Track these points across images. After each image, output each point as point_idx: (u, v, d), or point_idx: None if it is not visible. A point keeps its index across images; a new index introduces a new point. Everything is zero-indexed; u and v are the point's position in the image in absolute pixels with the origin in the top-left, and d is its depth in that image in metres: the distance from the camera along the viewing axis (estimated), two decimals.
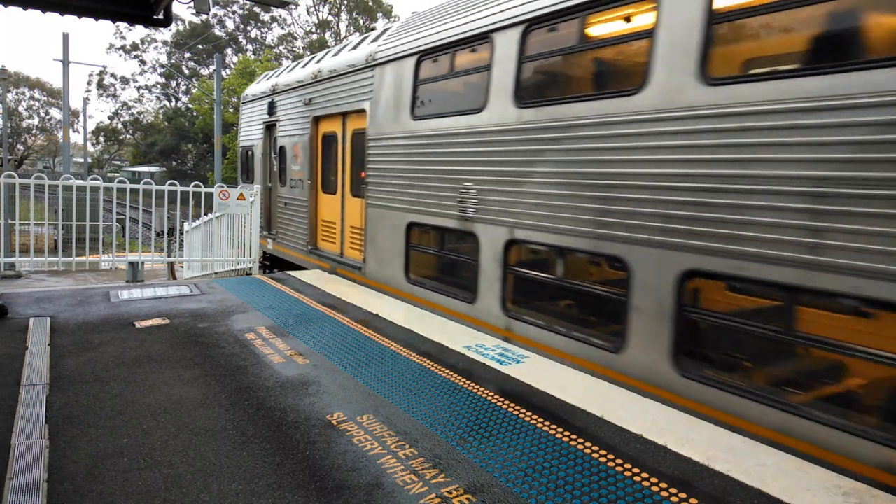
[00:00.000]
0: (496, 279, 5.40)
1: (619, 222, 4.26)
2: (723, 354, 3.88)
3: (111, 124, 58.24)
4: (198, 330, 5.29)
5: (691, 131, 3.78)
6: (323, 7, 48.57)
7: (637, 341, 4.07)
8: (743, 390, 3.53)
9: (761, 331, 3.51)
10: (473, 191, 5.66)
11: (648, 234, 4.04)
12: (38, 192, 19.43)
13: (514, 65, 5.24)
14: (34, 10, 6.13)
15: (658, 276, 3.95)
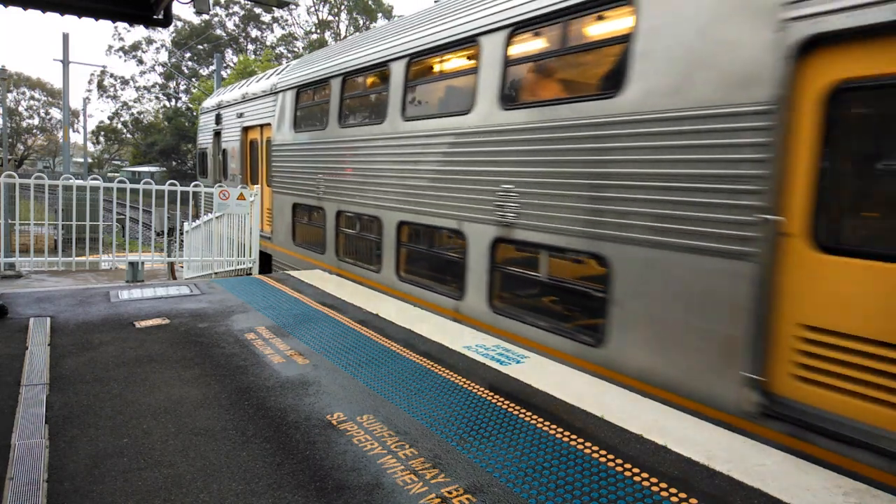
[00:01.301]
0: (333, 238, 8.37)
1: (457, 205, 5.97)
2: (513, 296, 5.58)
3: (111, 124, 58.28)
4: (198, 330, 5.29)
5: (495, 141, 5.44)
6: (323, 7, 48.58)
7: (471, 292, 5.83)
8: (519, 317, 5.28)
9: (528, 276, 5.43)
10: (325, 180, 8.53)
11: (473, 213, 5.76)
12: (38, 192, 19.43)
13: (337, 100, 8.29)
14: (34, 10, 6.13)
15: (479, 244, 5.65)
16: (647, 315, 4.16)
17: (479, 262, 5.65)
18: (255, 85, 11.57)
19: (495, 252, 5.50)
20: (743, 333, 3.57)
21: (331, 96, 8.37)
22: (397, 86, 6.80)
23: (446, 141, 6.03)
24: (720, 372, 3.69)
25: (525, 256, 5.39)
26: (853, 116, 3.36)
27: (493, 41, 5.48)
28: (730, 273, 3.64)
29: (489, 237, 5.53)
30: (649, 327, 4.15)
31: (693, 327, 3.88)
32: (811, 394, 3.35)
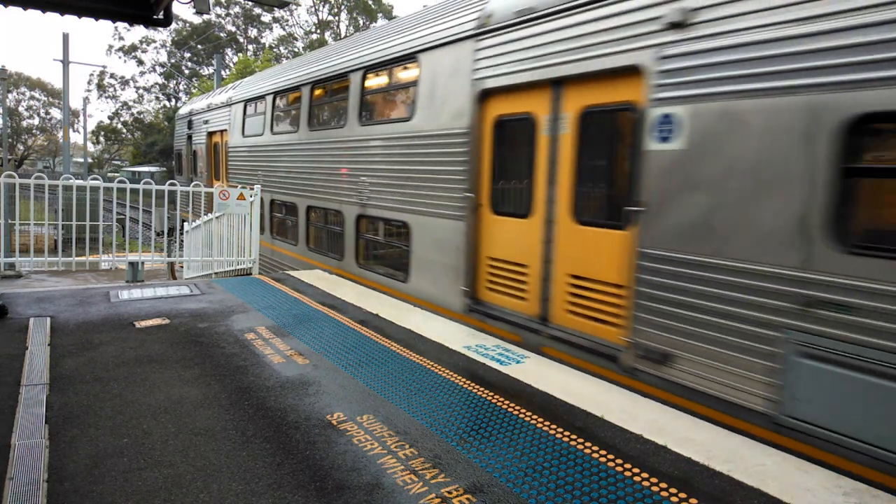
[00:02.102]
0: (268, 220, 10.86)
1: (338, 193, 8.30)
2: (367, 254, 8.02)
3: (111, 124, 58.29)
4: (198, 330, 5.29)
5: (353, 149, 7.88)
6: (323, 7, 48.59)
7: (347, 254, 8.17)
8: (372, 269, 7.66)
9: (374, 240, 7.84)
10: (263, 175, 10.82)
11: (346, 198, 8.05)
12: (38, 192, 19.44)
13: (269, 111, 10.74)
14: (34, 10, 6.13)
15: (350, 220, 8.01)
16: (425, 259, 6.56)
17: (350, 233, 8.10)
18: (217, 97, 14.05)
19: (359, 225, 7.91)
20: (462, 264, 5.98)
21: (265, 109, 10.88)
22: (305, 104, 9.37)
23: (333, 146, 8.48)
24: (453, 288, 6.10)
25: (373, 227, 7.82)
26: (505, 136, 5.66)
27: (356, 77, 7.89)
28: (455, 229, 6.04)
29: (354, 214, 7.88)
30: (426, 266, 6.56)
31: (441, 263, 6.27)
32: (491, 297, 5.81)
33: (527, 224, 5.36)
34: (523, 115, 5.37)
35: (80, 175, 30.38)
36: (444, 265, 6.19)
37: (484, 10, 5.68)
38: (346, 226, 8.11)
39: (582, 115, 4.85)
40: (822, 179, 3.27)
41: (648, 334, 4.17)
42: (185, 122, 16.28)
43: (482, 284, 5.88)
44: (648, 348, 4.18)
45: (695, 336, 3.87)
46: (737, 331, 3.65)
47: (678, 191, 4.00)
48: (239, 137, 11.95)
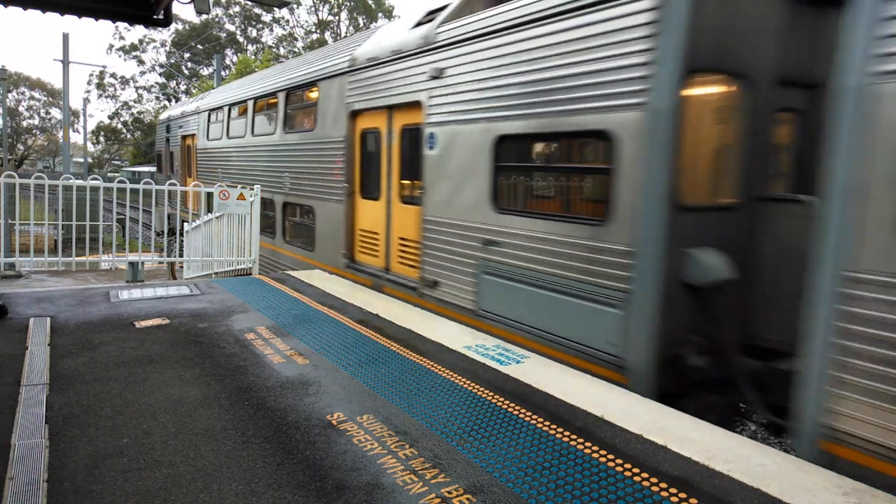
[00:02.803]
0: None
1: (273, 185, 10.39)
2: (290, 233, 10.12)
3: (111, 124, 58.27)
4: (198, 330, 5.29)
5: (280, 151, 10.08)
6: (323, 7, 48.57)
7: (277, 234, 10.38)
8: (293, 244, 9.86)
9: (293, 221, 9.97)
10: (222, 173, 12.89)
11: (277, 189, 10.20)
12: (38, 192, 19.44)
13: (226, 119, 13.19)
14: (34, 10, 6.13)
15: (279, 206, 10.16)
16: (323, 233, 8.80)
17: (279, 216, 10.23)
18: (188, 106, 16.82)
19: (285, 210, 10.08)
20: (344, 235, 8.19)
21: (223, 118, 13.23)
22: (250, 115, 11.69)
23: (268, 149, 10.67)
24: (337, 254, 8.37)
25: (293, 211, 9.78)
26: (366, 144, 7.84)
27: (282, 95, 10.11)
28: (339, 210, 8.27)
29: (282, 202, 9.90)
30: (324, 238, 8.79)
31: (332, 236, 8.48)
32: (360, 257, 8.03)
33: (378, 204, 7.63)
34: (374, 129, 7.63)
35: (80, 175, 30.38)
36: (334, 237, 8.52)
37: (352, 55, 8.04)
38: (277, 211, 10.40)
39: (402, 130, 7.08)
40: (489, 171, 5.59)
41: (427, 270, 6.47)
42: (164, 126, 18.94)
43: (356, 249, 8.21)
44: (427, 279, 6.49)
45: (444, 267, 6.23)
46: (460, 262, 5.99)
47: (436, 179, 6.31)
48: (204, 141, 14.46)
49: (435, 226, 6.26)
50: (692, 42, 3.96)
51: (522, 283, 5.20)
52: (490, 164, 5.49)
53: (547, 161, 5.38)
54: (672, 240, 4.10)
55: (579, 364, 4.66)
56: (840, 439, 3.23)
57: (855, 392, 3.16)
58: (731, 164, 4.51)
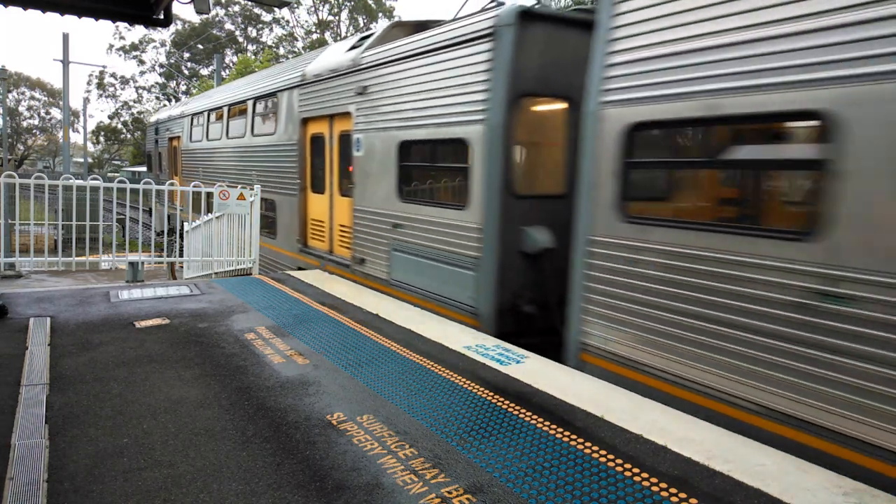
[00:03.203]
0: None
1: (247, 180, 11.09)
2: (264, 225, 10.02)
3: (111, 124, 58.27)
4: (198, 330, 5.29)
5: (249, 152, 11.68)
6: (323, 7, 48.55)
7: None
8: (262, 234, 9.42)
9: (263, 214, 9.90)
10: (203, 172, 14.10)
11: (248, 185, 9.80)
12: (38, 192, 19.45)
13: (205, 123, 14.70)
14: (34, 9, 6.13)
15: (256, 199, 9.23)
16: (283, 223, 10.06)
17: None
18: (174, 110, 18.49)
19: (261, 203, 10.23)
20: (299, 225, 9.43)
21: (203, 122, 14.65)
22: (225, 120, 13.17)
23: (240, 149, 12.17)
24: (294, 242, 9.57)
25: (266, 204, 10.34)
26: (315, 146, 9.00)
27: (250, 103, 11.50)
28: (294, 203, 9.43)
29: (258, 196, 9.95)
30: (284, 227, 10.05)
31: (290, 225, 9.66)
32: (311, 243, 9.28)
33: (324, 197, 8.97)
34: (321, 134, 8.92)
35: (80, 175, 30.37)
36: (291, 226, 9.72)
37: (303, 71, 9.31)
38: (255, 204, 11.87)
39: (339, 135, 8.39)
40: (396, 169, 6.92)
41: (357, 250, 7.82)
42: (154, 129, 20.62)
43: (308, 235, 9.48)
44: (356, 257, 7.82)
45: (367, 246, 7.55)
46: (377, 242, 7.32)
47: (361, 176, 7.68)
48: (188, 142, 15.97)
49: (361, 214, 7.68)
50: (517, 75, 5.39)
51: (417, 256, 6.61)
52: (396, 164, 6.94)
53: (432, 161, 6.83)
54: (509, 220, 5.54)
55: (453, 315, 6.01)
56: (589, 351, 4.55)
57: (595, 317, 4.49)
58: (556, 164, 5.94)
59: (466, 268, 5.83)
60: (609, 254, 4.34)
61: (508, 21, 5.38)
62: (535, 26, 5.50)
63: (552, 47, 5.61)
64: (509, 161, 5.52)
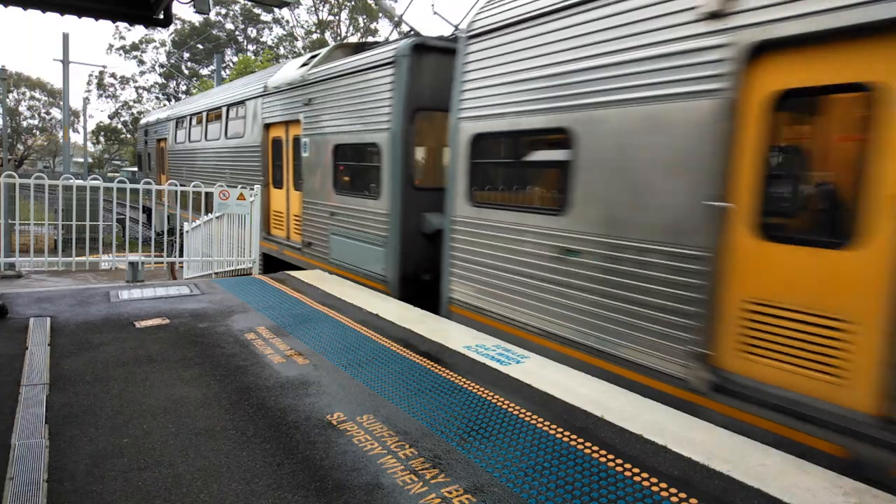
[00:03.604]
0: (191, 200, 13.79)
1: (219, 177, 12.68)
2: None
3: (111, 124, 58.25)
4: (198, 330, 5.29)
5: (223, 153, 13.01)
6: (323, 7, 48.53)
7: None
8: None
9: None
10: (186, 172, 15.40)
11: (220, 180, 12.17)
12: (38, 192, 19.46)
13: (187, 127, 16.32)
14: (34, 9, 6.13)
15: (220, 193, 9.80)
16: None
17: None
18: (162, 114, 20.14)
19: None
20: (262, 216, 9.89)
21: (186, 126, 16.02)
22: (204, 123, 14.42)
23: (216, 151, 13.39)
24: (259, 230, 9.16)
25: None
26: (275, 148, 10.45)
27: (224, 109, 12.82)
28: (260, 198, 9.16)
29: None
30: None
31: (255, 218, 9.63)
32: (273, 231, 10.80)
33: (282, 192, 10.21)
34: (279, 137, 10.22)
35: (80, 175, 30.36)
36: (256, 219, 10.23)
37: (266, 83, 10.60)
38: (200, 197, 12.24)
39: (294, 139, 9.64)
40: (332, 167, 8.25)
41: (305, 235, 9.16)
42: (143, 131, 22.35)
43: (271, 225, 10.74)
44: (305, 241, 9.18)
45: (313, 232, 8.94)
46: (320, 228, 8.69)
47: (308, 173, 8.98)
48: (173, 144, 17.38)
49: (308, 205, 9.06)
50: (412, 93, 6.80)
51: (348, 238, 8.03)
52: (332, 163, 8.32)
53: (356, 161, 8.12)
54: (410, 207, 6.98)
55: (371, 284, 7.46)
56: (454, 303, 6.12)
57: (456, 277, 6.03)
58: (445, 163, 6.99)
59: (379, 245, 7.30)
60: (463, 229, 5.90)
61: (405, 52, 6.80)
62: (427, 55, 6.89)
63: (440, 71, 6.83)
64: (409, 161, 6.97)
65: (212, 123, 13.93)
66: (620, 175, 4.29)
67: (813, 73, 3.36)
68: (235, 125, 12.24)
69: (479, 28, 5.69)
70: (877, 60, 3.10)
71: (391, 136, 6.92)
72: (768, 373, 3.58)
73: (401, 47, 6.83)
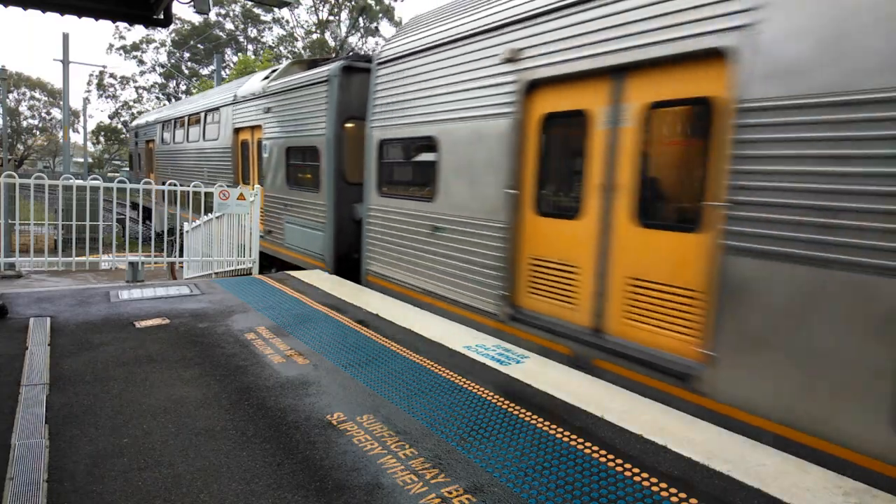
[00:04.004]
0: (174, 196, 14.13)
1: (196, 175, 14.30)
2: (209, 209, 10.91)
3: (111, 124, 58.24)
4: (198, 330, 5.29)
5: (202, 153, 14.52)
6: (323, 7, 48.52)
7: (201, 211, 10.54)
8: None
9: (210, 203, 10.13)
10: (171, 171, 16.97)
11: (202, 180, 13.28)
12: (38, 192, 19.47)
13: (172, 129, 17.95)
14: (34, 9, 6.13)
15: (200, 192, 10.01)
16: None
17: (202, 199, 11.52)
18: (151, 117, 21.64)
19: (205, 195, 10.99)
20: None
21: (171, 129, 17.38)
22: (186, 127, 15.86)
23: (195, 152, 14.73)
24: None
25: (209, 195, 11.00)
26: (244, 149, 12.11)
27: (202, 115, 14.07)
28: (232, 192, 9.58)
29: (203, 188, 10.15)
30: None
31: None
32: None
33: (248, 187, 11.02)
34: (246, 140, 11.70)
35: (80, 175, 30.35)
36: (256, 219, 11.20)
37: (235, 93, 12.16)
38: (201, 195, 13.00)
39: (258, 141, 10.97)
40: (285, 166, 9.74)
41: (267, 224, 10.37)
42: (134, 133, 23.98)
43: None
44: (267, 229, 10.38)
45: (272, 221, 10.23)
46: (277, 217, 10.05)
47: (268, 170, 10.30)
48: (160, 145, 18.85)
49: (269, 198, 10.26)
50: (342, 105, 8.28)
51: (298, 226, 9.35)
52: (285, 163, 9.77)
53: (302, 161, 9.40)
54: (343, 199, 8.34)
55: (314, 262, 8.78)
56: (370, 274, 7.50)
57: (371, 253, 7.46)
58: None
59: (320, 230, 8.67)
60: (374, 215, 7.37)
61: (336, 72, 8.29)
62: (354, 74, 8.30)
63: (365, 87, 7.86)
64: (341, 160, 8.34)
65: (192, 127, 15.42)
66: (463, 172, 5.85)
67: (559, 102, 4.91)
68: (212, 129, 13.71)
69: (384, 57, 7.19)
70: (585, 95, 4.64)
71: (327, 140, 8.38)
72: (541, 305, 5.15)
73: (332, 68, 8.35)
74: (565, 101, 4.83)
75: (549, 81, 4.89)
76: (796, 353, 3.22)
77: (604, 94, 4.49)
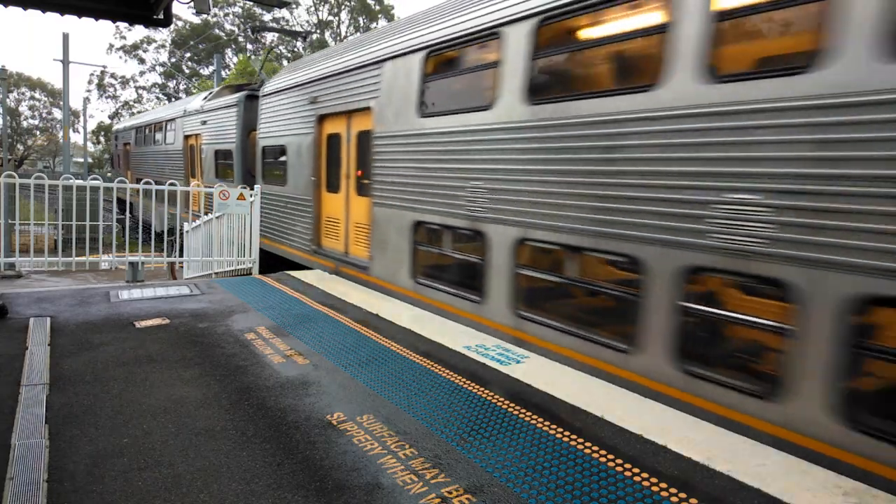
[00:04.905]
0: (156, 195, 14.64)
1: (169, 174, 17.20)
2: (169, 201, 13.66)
3: (111, 124, 58.22)
4: (198, 330, 5.29)
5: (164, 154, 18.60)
6: (323, 7, 48.54)
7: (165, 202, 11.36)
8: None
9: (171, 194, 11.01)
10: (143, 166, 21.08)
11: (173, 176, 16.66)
12: (38, 192, 19.46)
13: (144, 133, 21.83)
14: (34, 9, 6.13)
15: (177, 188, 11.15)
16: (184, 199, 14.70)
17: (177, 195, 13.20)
18: (129, 122, 24.88)
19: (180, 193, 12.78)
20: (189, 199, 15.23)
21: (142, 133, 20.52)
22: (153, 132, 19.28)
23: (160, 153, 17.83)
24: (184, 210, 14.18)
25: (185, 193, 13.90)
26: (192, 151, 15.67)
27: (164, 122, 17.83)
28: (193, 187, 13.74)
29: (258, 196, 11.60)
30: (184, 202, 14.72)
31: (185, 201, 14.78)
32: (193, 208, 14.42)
33: (195, 182, 14.12)
34: (192, 144, 14.78)
35: (80, 175, 30.35)
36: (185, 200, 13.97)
37: (185, 107, 15.73)
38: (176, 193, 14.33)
39: (199, 145, 14.24)
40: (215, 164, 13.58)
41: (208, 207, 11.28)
42: (115, 136, 27.85)
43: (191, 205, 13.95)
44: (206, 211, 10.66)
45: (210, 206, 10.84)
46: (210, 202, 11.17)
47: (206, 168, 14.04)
48: (133, 147, 21.87)
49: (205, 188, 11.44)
50: (246, 121, 12.04)
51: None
52: (213, 161, 13.21)
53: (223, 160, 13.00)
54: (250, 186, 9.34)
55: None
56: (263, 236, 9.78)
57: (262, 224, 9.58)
58: None
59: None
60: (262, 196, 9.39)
61: (242, 99, 12.12)
62: (255, 100, 11.52)
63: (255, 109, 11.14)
64: (246, 160, 11.93)
65: (157, 133, 18.95)
66: (295, 168, 9.28)
67: (332, 127, 8.39)
68: (170, 135, 17.10)
69: (265, 92, 10.68)
70: (340, 125, 8.20)
71: (237, 146, 12.27)
72: (328, 243, 8.66)
73: (240, 96, 12.31)
74: (333, 127, 8.39)
75: (328, 116, 8.46)
76: (389, 249, 6.95)
77: (345, 125, 8.07)
